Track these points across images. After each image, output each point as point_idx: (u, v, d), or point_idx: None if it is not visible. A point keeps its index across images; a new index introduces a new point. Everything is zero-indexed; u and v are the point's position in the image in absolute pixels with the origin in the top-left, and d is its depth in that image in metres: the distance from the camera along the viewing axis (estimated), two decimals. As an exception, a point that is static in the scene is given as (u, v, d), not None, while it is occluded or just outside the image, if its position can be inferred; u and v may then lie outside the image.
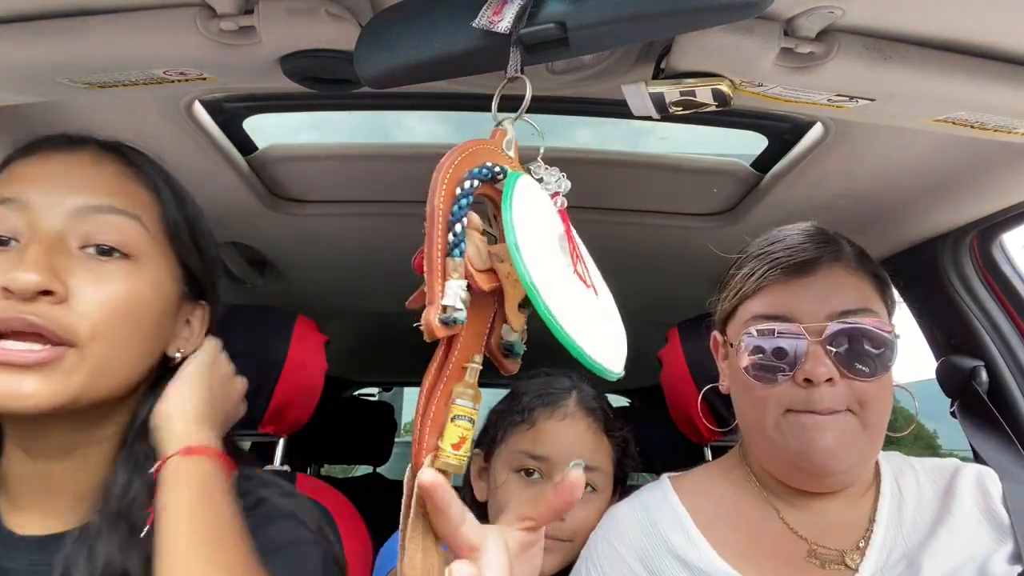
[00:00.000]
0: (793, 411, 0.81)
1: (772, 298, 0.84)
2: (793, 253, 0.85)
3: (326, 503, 1.34)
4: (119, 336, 0.67)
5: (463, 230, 0.52)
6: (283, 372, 1.35)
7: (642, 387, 3.34)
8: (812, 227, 0.91)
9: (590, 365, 0.53)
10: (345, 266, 1.86)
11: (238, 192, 1.35)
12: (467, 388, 0.54)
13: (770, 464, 0.88)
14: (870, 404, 0.81)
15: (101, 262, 0.67)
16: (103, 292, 0.66)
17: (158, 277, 0.71)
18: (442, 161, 0.53)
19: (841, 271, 0.85)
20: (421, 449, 0.53)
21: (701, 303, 1.59)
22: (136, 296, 0.68)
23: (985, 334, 1.28)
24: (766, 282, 0.85)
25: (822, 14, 0.70)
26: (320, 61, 0.79)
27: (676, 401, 1.44)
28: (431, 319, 0.51)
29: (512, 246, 0.52)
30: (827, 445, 0.79)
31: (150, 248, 0.71)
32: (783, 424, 0.82)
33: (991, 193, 1.14)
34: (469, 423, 0.54)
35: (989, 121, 0.85)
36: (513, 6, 0.59)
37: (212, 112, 1.14)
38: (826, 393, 0.80)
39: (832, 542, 0.85)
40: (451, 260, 0.52)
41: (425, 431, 0.53)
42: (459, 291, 0.51)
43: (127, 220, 0.69)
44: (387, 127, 1.48)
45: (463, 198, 0.53)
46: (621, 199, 1.45)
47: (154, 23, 0.75)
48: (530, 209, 0.56)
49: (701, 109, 0.83)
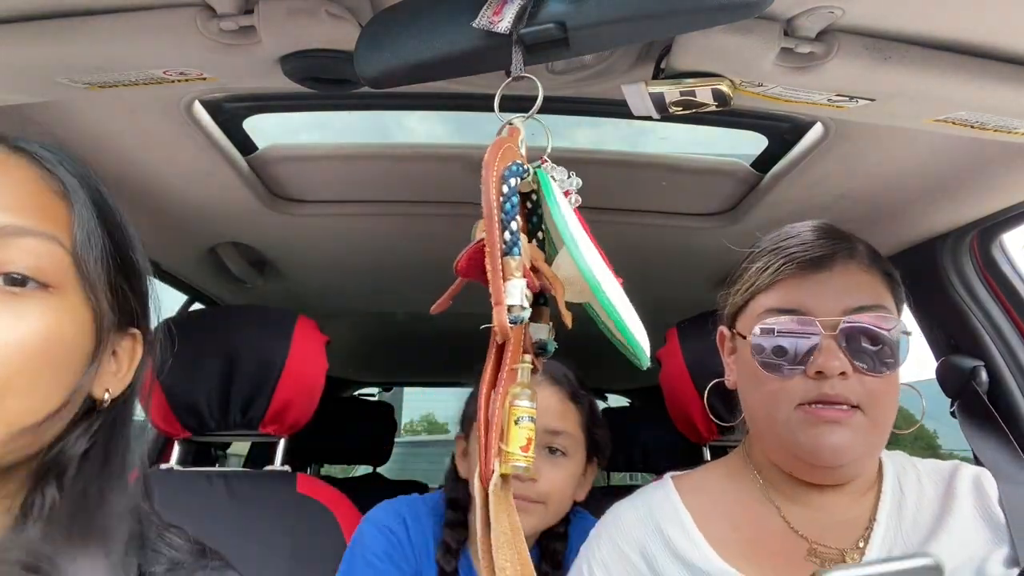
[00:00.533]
0: (804, 405, 0.82)
1: (786, 292, 0.85)
2: (808, 248, 0.86)
3: (326, 503, 1.34)
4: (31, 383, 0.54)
5: (518, 228, 0.52)
6: (284, 372, 1.36)
7: (642, 387, 3.36)
8: (825, 224, 0.92)
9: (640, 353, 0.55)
10: (345, 266, 1.86)
11: (238, 192, 1.35)
12: (524, 388, 0.54)
13: (778, 457, 0.89)
14: (879, 401, 0.81)
15: (12, 295, 0.54)
16: (15, 332, 0.53)
17: (79, 308, 0.58)
18: (487, 159, 0.53)
19: (855, 268, 0.85)
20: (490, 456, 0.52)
21: (701, 303, 1.59)
22: (56, 334, 0.55)
23: (985, 334, 1.28)
24: (781, 276, 0.86)
25: (822, 14, 0.70)
26: (320, 61, 0.79)
27: (675, 401, 1.44)
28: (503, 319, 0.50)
29: (571, 243, 0.52)
30: (836, 442, 0.80)
31: (70, 273, 0.57)
32: (794, 418, 0.82)
33: (991, 193, 1.14)
34: (531, 422, 0.53)
35: (989, 121, 0.85)
36: (513, 6, 0.59)
37: (212, 112, 1.14)
38: (838, 385, 0.80)
39: (832, 540, 0.86)
40: (511, 259, 0.52)
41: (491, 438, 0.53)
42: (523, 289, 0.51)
43: (43, 242, 0.55)
44: (387, 127, 1.48)
45: (512, 196, 0.53)
46: (621, 199, 1.45)
47: (154, 23, 0.75)
48: (566, 207, 0.57)
49: (701, 109, 0.83)
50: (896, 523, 0.86)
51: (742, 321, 0.91)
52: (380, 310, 2.29)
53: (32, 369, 0.54)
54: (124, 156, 1.17)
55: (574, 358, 1.20)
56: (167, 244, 1.59)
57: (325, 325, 1.51)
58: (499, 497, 0.53)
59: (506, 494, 0.54)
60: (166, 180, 1.29)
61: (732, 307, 0.93)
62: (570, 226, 0.54)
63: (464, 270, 0.56)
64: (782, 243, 0.89)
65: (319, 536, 1.30)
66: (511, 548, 0.53)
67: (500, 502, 0.53)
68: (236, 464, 2.70)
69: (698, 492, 0.94)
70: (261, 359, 1.36)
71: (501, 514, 0.53)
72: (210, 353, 1.37)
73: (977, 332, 1.28)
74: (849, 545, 0.85)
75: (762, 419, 0.88)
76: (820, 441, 0.80)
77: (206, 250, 1.68)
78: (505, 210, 0.52)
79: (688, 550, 0.87)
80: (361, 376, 3.59)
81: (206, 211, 1.44)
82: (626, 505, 0.97)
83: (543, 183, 0.56)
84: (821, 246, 0.86)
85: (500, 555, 0.52)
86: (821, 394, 0.81)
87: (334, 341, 1.51)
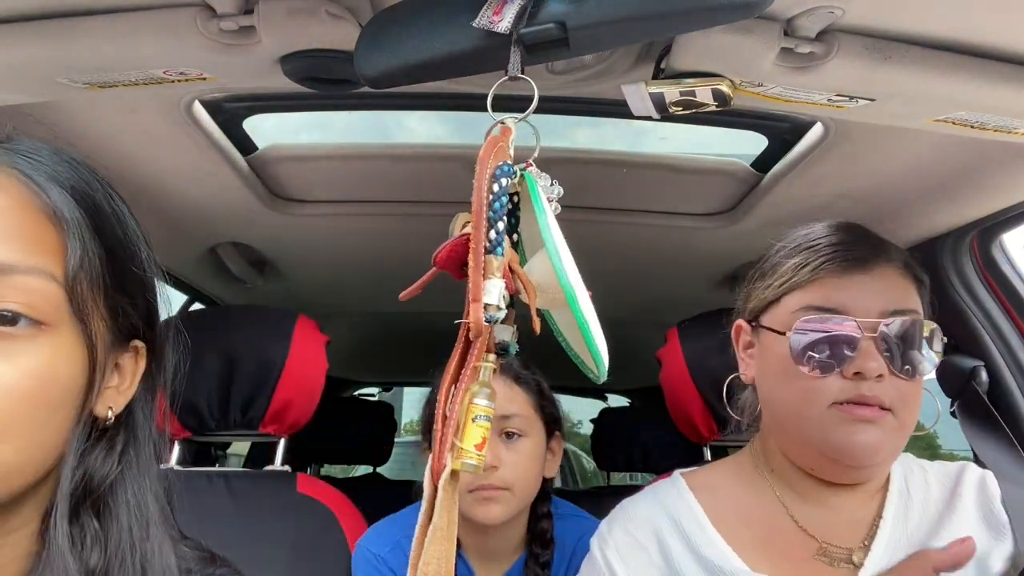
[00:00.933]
0: (839, 404, 0.82)
1: (827, 291, 0.85)
2: (850, 248, 0.86)
3: (327, 503, 1.34)
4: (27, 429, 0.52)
5: (504, 229, 0.52)
6: (284, 372, 1.35)
7: (642, 387, 3.35)
8: (857, 224, 0.92)
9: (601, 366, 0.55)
10: (345, 266, 1.86)
11: (238, 192, 1.35)
12: (483, 387, 0.54)
13: (801, 455, 0.89)
14: (908, 404, 0.82)
15: (3, 336, 0.51)
16: (7, 377, 0.50)
17: (75, 340, 0.55)
18: (482, 155, 0.53)
19: (892, 271, 0.86)
20: (443, 451, 0.52)
21: (701, 303, 1.59)
22: (50, 374, 0.53)
23: (985, 334, 1.28)
24: (821, 274, 0.85)
25: (822, 14, 0.70)
26: (320, 61, 0.79)
27: (675, 401, 1.44)
28: (480, 316, 0.50)
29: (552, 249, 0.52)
30: (869, 440, 0.80)
31: (63, 308, 0.54)
32: (827, 416, 0.82)
33: (991, 193, 1.14)
34: (488, 422, 0.54)
35: (989, 121, 0.85)
36: (513, 6, 0.59)
37: (212, 112, 1.14)
38: (875, 387, 0.81)
39: (841, 540, 0.86)
40: (494, 258, 0.52)
41: (447, 433, 0.53)
42: (501, 290, 0.51)
43: (34, 279, 0.52)
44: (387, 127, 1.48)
45: (502, 195, 0.53)
46: (621, 199, 1.45)
47: (154, 23, 0.75)
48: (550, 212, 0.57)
49: (701, 109, 0.83)
50: (902, 522, 0.86)
51: (772, 316, 0.89)
52: (380, 310, 2.28)
53: (26, 413, 0.51)
54: (124, 156, 1.17)
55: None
56: (167, 244, 1.59)
57: (325, 325, 1.52)
58: (447, 493, 0.53)
59: (453, 491, 0.54)
60: (166, 180, 1.29)
61: (760, 302, 0.92)
62: (554, 233, 0.53)
63: (442, 262, 0.55)
64: (819, 240, 0.89)
65: (319, 536, 1.30)
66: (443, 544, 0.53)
67: (448, 498, 0.53)
68: (236, 464, 2.70)
69: (710, 490, 0.94)
70: (261, 359, 1.36)
71: (444, 510, 0.53)
72: (210, 353, 1.37)
73: (977, 332, 1.28)
74: (856, 544, 0.86)
75: (791, 416, 0.87)
76: (854, 439, 0.80)
77: (206, 250, 1.68)
78: (494, 208, 0.52)
79: (705, 547, 0.87)
80: (361, 376, 3.59)
81: (206, 211, 1.44)
82: (637, 501, 0.97)
83: (531, 187, 0.56)
84: (862, 247, 0.86)
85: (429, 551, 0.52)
86: (858, 394, 0.81)
87: (334, 341, 1.51)
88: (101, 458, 0.58)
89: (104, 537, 0.56)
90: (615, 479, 3.04)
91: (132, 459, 0.61)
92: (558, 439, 1.30)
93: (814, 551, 0.86)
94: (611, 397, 3.83)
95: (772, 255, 0.94)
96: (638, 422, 2.65)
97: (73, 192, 0.57)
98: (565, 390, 3.89)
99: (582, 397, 4.06)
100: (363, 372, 3.47)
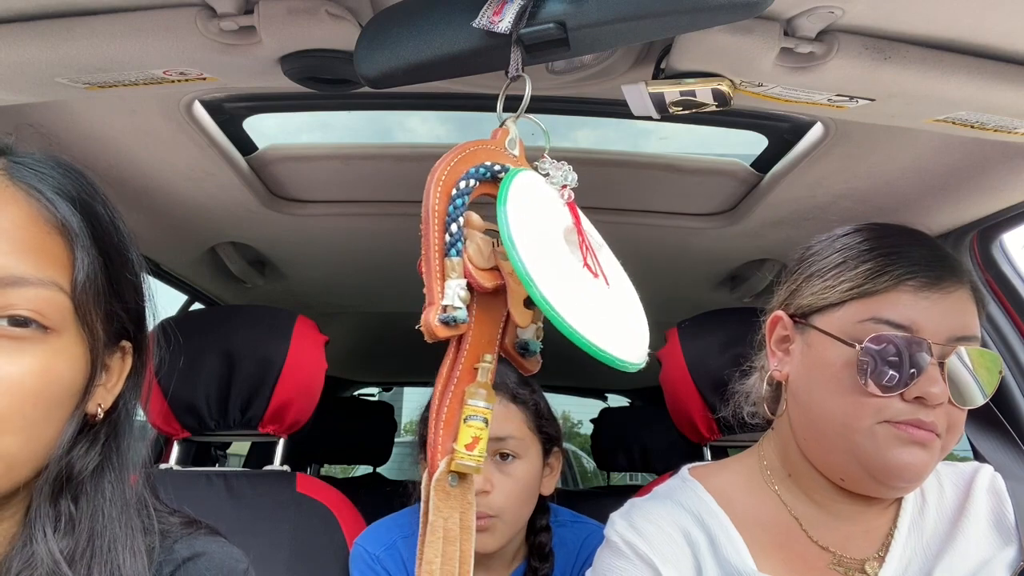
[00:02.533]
0: (891, 422, 0.79)
1: (903, 306, 0.80)
2: (932, 264, 0.81)
3: (326, 503, 1.34)
4: (28, 422, 0.56)
5: (459, 229, 0.52)
6: (283, 372, 1.35)
7: (642, 387, 3.36)
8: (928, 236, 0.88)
9: (599, 355, 0.53)
10: (345, 266, 1.86)
11: (238, 192, 1.35)
12: (479, 388, 0.54)
13: (834, 465, 0.85)
14: (954, 431, 0.80)
15: (13, 337, 0.55)
16: (14, 374, 0.55)
17: (77, 343, 0.59)
18: (437, 163, 0.53)
19: (965, 295, 0.82)
20: (436, 452, 0.53)
21: (701, 303, 1.59)
22: (53, 374, 0.57)
23: (985, 334, 1.28)
24: (899, 287, 0.81)
25: (822, 14, 0.70)
26: (320, 61, 0.79)
27: (675, 401, 1.44)
28: (430, 320, 0.51)
29: (507, 240, 0.52)
30: (919, 463, 0.78)
31: (68, 316, 0.58)
32: (878, 432, 0.79)
33: (991, 193, 1.14)
34: (483, 423, 0.54)
35: (989, 121, 0.85)
36: (513, 6, 0.59)
37: (212, 112, 1.14)
38: (932, 413, 0.78)
39: (854, 551, 0.84)
40: (448, 260, 0.52)
41: (439, 434, 0.53)
42: (458, 290, 0.51)
43: (44, 290, 0.56)
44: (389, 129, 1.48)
45: (459, 198, 0.53)
46: (621, 199, 1.45)
47: (154, 23, 0.75)
48: (530, 204, 0.56)
49: (701, 109, 0.83)
50: (918, 532, 0.85)
51: (830, 320, 0.84)
52: (380, 310, 2.28)
53: (28, 408, 0.55)
54: (124, 156, 1.17)
55: (574, 358, 1.20)
56: (167, 244, 1.59)
57: (325, 325, 1.51)
58: (446, 493, 0.53)
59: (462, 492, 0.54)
60: (166, 180, 1.29)
61: (814, 300, 0.86)
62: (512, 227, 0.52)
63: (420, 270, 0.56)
64: (898, 248, 0.83)
65: (319, 536, 1.30)
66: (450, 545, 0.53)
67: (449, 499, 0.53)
68: (236, 464, 2.70)
69: (724, 492, 0.91)
70: (260, 359, 1.36)
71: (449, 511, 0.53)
72: (209, 353, 1.37)
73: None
74: (870, 554, 0.84)
75: (836, 425, 0.82)
76: (905, 460, 0.78)
77: (206, 250, 1.68)
78: (449, 212, 0.52)
79: (728, 550, 0.85)
80: (361, 376, 3.59)
81: (206, 211, 1.44)
82: (652, 501, 0.92)
83: (503, 184, 0.56)
84: (943, 264, 0.82)
85: (430, 550, 0.52)
86: (916, 418, 0.78)
87: (334, 341, 1.51)
88: (84, 449, 0.61)
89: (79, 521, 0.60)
90: (615, 479, 3.04)
91: (113, 451, 0.64)
92: (557, 455, 1.27)
93: (829, 560, 0.84)
94: (611, 397, 3.83)
95: (827, 252, 0.88)
96: (638, 422, 2.65)
97: (76, 203, 0.60)
98: (565, 390, 3.90)
99: (582, 397, 4.07)
100: (363, 372, 3.48)
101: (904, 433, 0.78)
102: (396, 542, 1.23)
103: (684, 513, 0.89)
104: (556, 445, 1.26)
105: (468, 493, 0.55)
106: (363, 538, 1.26)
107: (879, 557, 0.84)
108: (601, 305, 0.57)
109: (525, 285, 0.51)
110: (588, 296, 0.56)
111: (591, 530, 1.28)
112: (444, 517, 0.53)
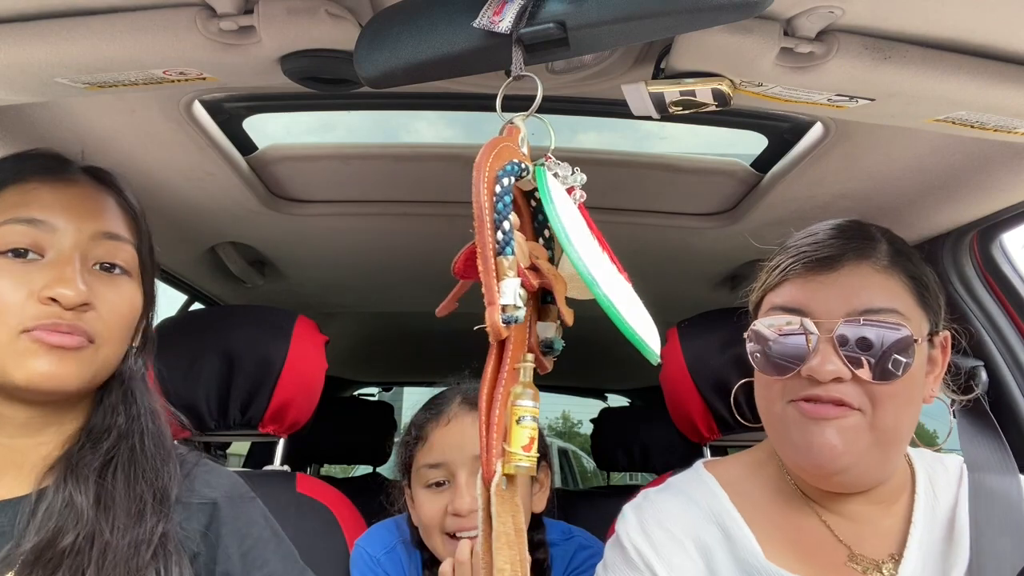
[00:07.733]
0: (795, 400, 0.81)
1: (791, 291, 0.85)
2: (818, 248, 0.85)
3: (326, 503, 1.34)
4: (120, 338, 0.84)
5: (511, 228, 0.52)
6: (283, 372, 1.35)
7: (642, 387, 3.36)
8: (848, 222, 0.91)
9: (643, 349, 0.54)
10: (345, 266, 1.86)
11: (238, 192, 1.35)
12: (526, 388, 0.54)
13: (785, 458, 0.88)
14: (881, 406, 0.79)
15: (110, 277, 0.83)
16: (114, 303, 0.82)
17: (140, 288, 0.87)
18: (478, 160, 0.53)
19: (868, 269, 0.83)
20: (491, 457, 0.52)
21: (701, 303, 1.59)
22: (132, 306, 0.85)
23: (985, 334, 1.28)
24: (788, 275, 0.86)
25: (822, 14, 0.70)
26: (320, 61, 0.79)
27: (675, 401, 1.44)
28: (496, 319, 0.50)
29: (564, 239, 0.52)
30: (827, 441, 0.78)
31: (136, 267, 0.87)
32: (787, 413, 0.82)
33: (991, 193, 1.14)
34: (534, 422, 0.54)
35: (989, 121, 0.85)
36: (513, 6, 0.59)
37: (212, 112, 1.14)
38: (832, 388, 0.79)
39: (870, 550, 0.85)
40: (504, 259, 0.52)
41: (492, 439, 0.53)
42: (517, 289, 0.51)
43: (126, 245, 0.85)
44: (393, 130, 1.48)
45: (505, 195, 0.53)
46: (622, 199, 1.45)
47: (154, 23, 0.75)
48: (563, 203, 0.56)
49: (701, 109, 0.83)
50: (930, 529, 0.85)
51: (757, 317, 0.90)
52: (380, 310, 2.28)
53: (120, 327, 0.83)
54: (124, 156, 1.17)
55: (574, 358, 1.20)
56: (167, 244, 1.58)
57: (325, 325, 1.51)
58: (503, 498, 0.53)
59: (511, 495, 0.54)
60: (166, 180, 1.29)
61: (752, 304, 0.93)
62: (564, 222, 0.53)
63: (461, 271, 0.56)
64: (798, 241, 0.89)
65: (319, 536, 1.30)
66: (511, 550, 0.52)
67: (504, 503, 0.53)
68: (236, 464, 2.70)
69: (737, 487, 0.92)
70: (260, 359, 1.36)
71: (505, 515, 0.53)
72: (209, 353, 1.37)
73: (977, 332, 1.28)
74: (885, 555, 0.84)
75: (764, 414, 0.88)
76: (812, 440, 0.79)
77: (206, 250, 1.68)
78: (497, 210, 0.52)
79: (742, 546, 0.85)
80: (361, 376, 3.59)
81: (206, 211, 1.44)
82: (665, 495, 0.93)
83: (539, 180, 0.56)
84: (831, 246, 0.84)
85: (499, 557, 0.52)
86: (810, 393, 0.79)
87: (334, 341, 1.51)
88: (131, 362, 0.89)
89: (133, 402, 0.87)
90: (615, 479, 3.04)
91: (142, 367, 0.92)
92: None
93: (845, 557, 0.84)
94: (611, 397, 3.83)
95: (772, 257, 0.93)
96: (638, 422, 2.65)
97: (132, 195, 0.91)
98: (565, 390, 3.90)
99: (582, 397, 4.06)
100: (363, 372, 3.48)
101: (802, 410, 0.80)
102: (396, 546, 1.23)
103: (697, 510, 0.89)
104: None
105: (515, 496, 0.55)
106: (364, 540, 1.26)
107: (894, 558, 0.84)
108: (633, 300, 0.58)
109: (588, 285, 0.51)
110: (627, 293, 0.56)
111: (579, 543, 1.27)
112: (503, 522, 0.53)
